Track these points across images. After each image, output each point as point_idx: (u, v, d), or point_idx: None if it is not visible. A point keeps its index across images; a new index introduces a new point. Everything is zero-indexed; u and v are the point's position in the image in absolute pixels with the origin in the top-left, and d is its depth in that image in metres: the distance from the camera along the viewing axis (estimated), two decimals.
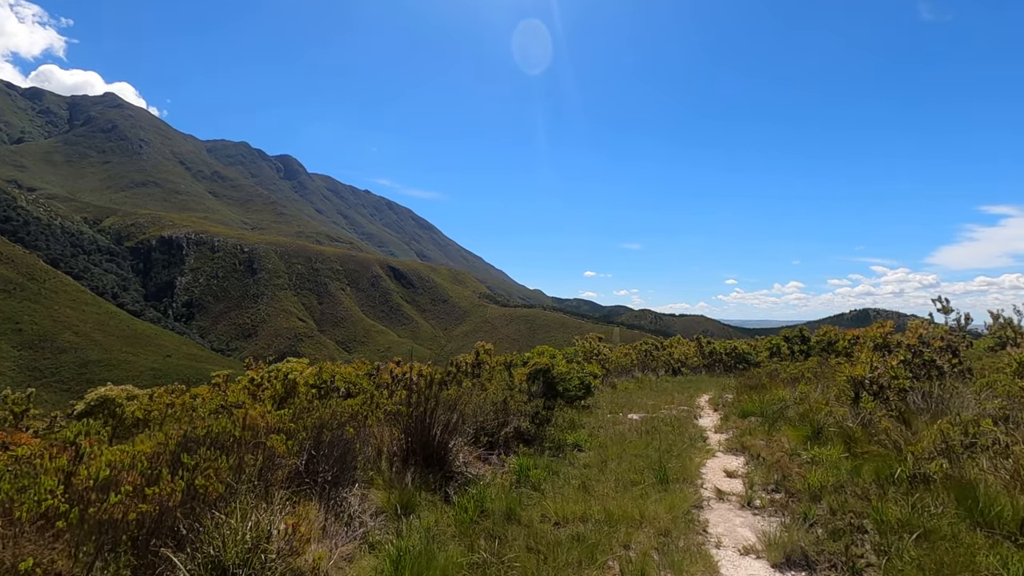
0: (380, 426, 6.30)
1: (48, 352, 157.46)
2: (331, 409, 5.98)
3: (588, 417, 10.95)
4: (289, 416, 5.62)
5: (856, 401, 6.89)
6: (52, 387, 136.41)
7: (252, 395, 10.98)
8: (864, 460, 6.00)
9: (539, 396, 8.88)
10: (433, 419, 6.10)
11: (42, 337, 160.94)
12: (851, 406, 7.43)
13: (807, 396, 10.12)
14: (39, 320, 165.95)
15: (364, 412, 6.13)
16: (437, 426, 6.10)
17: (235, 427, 4.80)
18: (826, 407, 8.24)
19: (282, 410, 6.07)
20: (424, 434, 5.99)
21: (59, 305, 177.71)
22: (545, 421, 8.26)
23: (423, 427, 6.03)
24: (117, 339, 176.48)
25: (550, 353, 13.61)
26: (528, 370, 9.22)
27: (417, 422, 6.01)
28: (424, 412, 6.07)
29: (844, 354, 9.41)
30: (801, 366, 14.33)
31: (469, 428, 7.32)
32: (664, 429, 9.56)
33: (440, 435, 6.08)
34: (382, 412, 6.96)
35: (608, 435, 9.08)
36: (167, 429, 4.78)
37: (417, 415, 6.02)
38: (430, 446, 5.97)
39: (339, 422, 5.69)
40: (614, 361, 21.18)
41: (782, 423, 9.18)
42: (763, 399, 11.20)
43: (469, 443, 7.05)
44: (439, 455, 6.01)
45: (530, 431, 7.78)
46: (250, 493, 4.12)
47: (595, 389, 15.35)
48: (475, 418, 7.40)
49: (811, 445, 7.18)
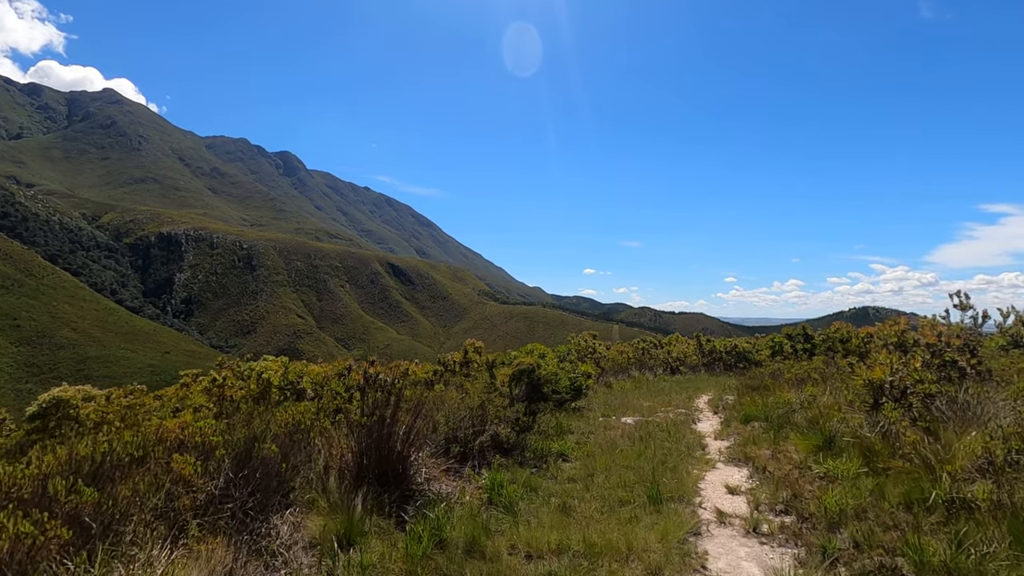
0: (333, 436, 5.50)
1: (46, 348, 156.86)
2: (265, 419, 5.17)
3: (578, 421, 10.15)
4: (221, 427, 4.82)
5: (875, 408, 6.10)
6: (50, 383, 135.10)
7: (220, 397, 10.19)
8: (888, 478, 5.20)
9: (522, 399, 8.09)
10: (392, 428, 5.30)
11: (40, 333, 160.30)
12: (867, 413, 6.64)
13: (815, 400, 9.32)
14: (37, 316, 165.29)
15: (309, 421, 5.33)
16: (397, 436, 5.31)
17: (143, 443, 4.00)
18: (838, 413, 7.44)
19: (219, 420, 5.27)
20: (381, 446, 5.19)
21: (57, 301, 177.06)
22: (527, 428, 7.47)
23: (380, 437, 5.23)
24: (115, 335, 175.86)
25: (539, 352, 12.81)
26: (511, 371, 8.43)
27: (373, 432, 5.21)
28: (381, 420, 5.27)
29: (856, 354, 8.63)
30: (807, 366, 13.53)
31: (440, 437, 6.53)
32: (659, 435, 8.77)
33: (400, 446, 5.28)
34: (344, 419, 6.18)
35: (598, 442, 8.28)
36: (60, 452, 3.97)
37: (372, 424, 5.22)
38: (387, 460, 5.17)
39: (279, 433, 4.90)
40: (610, 360, 20.39)
41: (788, 429, 8.38)
42: (766, 402, 10.41)
43: (438, 454, 6.25)
44: (398, 470, 5.21)
45: (510, 439, 6.98)
46: (146, 528, 3.33)
47: (589, 390, 14.56)
48: (447, 425, 6.60)
49: (823, 456, 6.38)
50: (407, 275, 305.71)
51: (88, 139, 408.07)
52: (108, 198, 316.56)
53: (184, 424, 4.34)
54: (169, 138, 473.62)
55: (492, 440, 6.81)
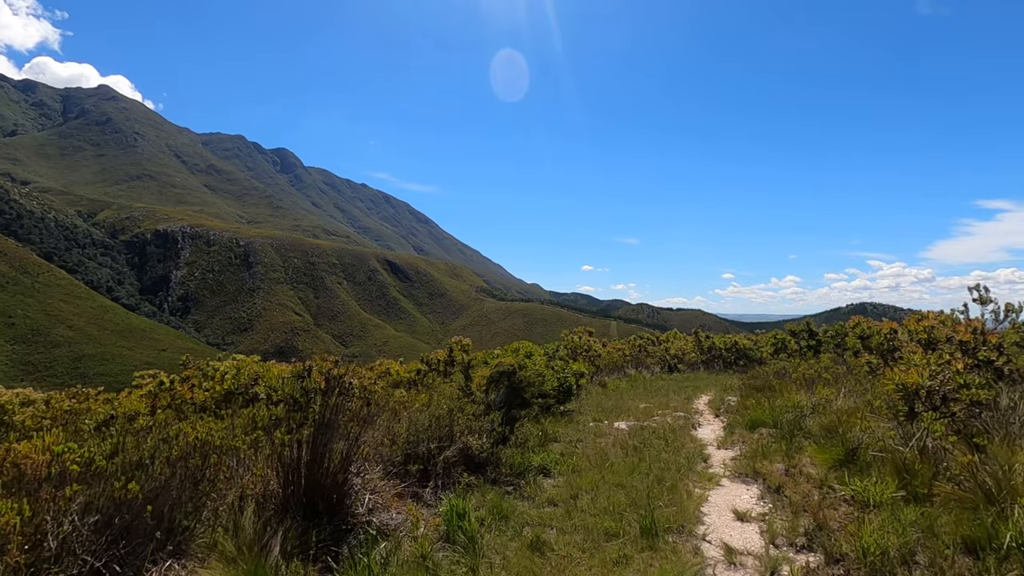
0: (255, 459, 4.52)
1: (41, 346, 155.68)
2: (157, 438, 4.18)
3: (566, 427, 9.18)
4: (106, 450, 3.84)
5: (910, 417, 5.15)
6: (45, 382, 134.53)
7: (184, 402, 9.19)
8: (934, 506, 4.25)
9: (499, 406, 7.11)
10: (327, 446, 4.33)
11: (35, 331, 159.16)
12: (898, 422, 5.68)
13: (830, 403, 8.37)
14: (32, 314, 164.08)
15: (223, 440, 4.34)
16: (334, 456, 4.33)
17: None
18: (860, 421, 6.48)
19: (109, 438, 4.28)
20: (312, 468, 4.22)
21: (53, 299, 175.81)
22: (503, 439, 6.49)
23: (313, 458, 4.26)
24: (111, 333, 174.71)
25: (525, 350, 11.84)
26: (490, 372, 7.45)
27: (301, 451, 4.23)
28: (313, 436, 4.29)
29: (877, 352, 7.68)
30: (815, 365, 12.58)
31: (398, 452, 5.55)
32: (656, 444, 7.81)
33: (337, 469, 4.31)
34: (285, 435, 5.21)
35: (587, 453, 7.31)
36: None
37: (300, 441, 4.25)
38: (319, 486, 4.20)
39: (178, 456, 3.91)
40: (605, 357, 19.43)
41: (801, 438, 7.42)
42: (773, 404, 9.45)
43: (392, 474, 5.28)
44: (331, 499, 4.23)
45: (482, 453, 6.01)
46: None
47: (581, 390, 13.61)
48: (407, 438, 5.63)
49: (847, 474, 5.43)
50: (405, 272, 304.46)
51: (83, 136, 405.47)
52: (104, 195, 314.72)
53: (45, 447, 3.36)
54: (165, 135, 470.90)
55: (460, 455, 5.84)
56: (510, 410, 7.41)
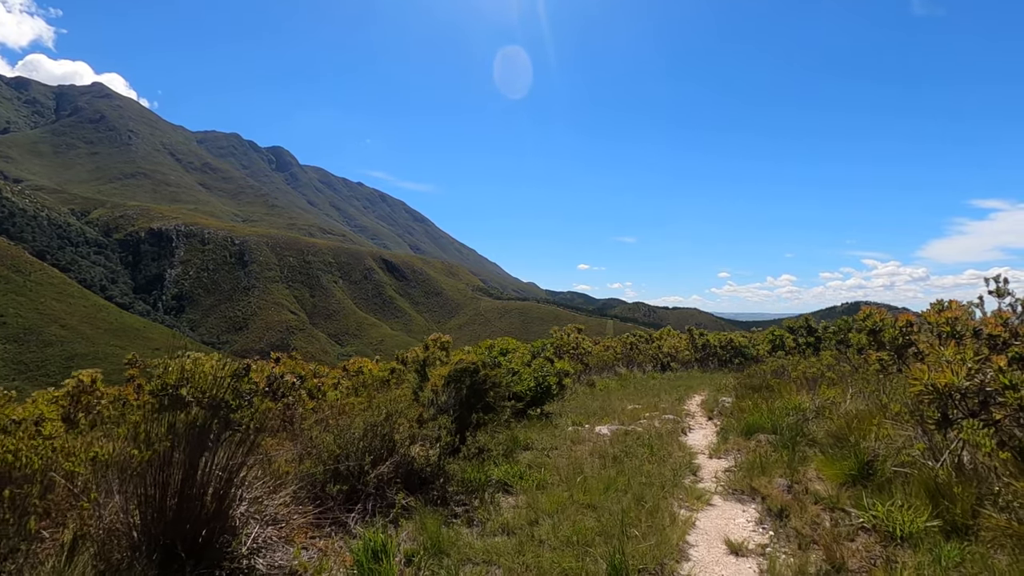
0: (100, 484, 3.52)
1: (33, 345, 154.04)
2: None
3: (541, 432, 8.20)
4: None
5: (943, 424, 4.21)
6: (38, 381, 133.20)
7: (88, 407, 8.25)
8: (981, 543, 3.29)
9: (452, 409, 6.13)
10: (207, 467, 3.35)
11: (27, 330, 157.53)
12: (924, 431, 4.72)
13: (836, 406, 7.41)
14: (24, 313, 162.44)
15: (26, 459, 3.34)
16: (208, 480, 3.36)
17: None
18: (876, 428, 5.52)
19: None
20: (182, 496, 3.24)
21: (45, 298, 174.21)
22: (452, 450, 5.50)
23: (185, 482, 3.28)
24: (104, 332, 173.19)
25: (501, 347, 10.87)
26: (447, 371, 6.48)
27: (166, 473, 3.25)
28: (188, 452, 3.31)
29: (892, 347, 6.75)
30: (816, 363, 11.63)
31: (319, 469, 4.57)
32: (640, 452, 6.84)
33: (213, 497, 3.33)
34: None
35: (558, 464, 6.34)
36: None
37: (165, 461, 3.27)
38: (183, 520, 3.22)
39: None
40: (595, 355, 18.47)
41: (804, 446, 6.46)
42: (772, 407, 8.50)
43: (305, 498, 4.30)
44: (201, 536, 3.25)
45: (429, 466, 5.04)
46: None
47: (566, 390, 12.65)
48: (331, 451, 4.64)
49: (864, 494, 4.48)
50: (401, 271, 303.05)
51: (77, 134, 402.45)
52: (97, 193, 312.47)
53: None
54: (160, 133, 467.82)
55: (399, 470, 4.86)
56: (470, 414, 6.42)
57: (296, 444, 4.96)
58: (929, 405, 4.33)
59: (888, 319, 6.62)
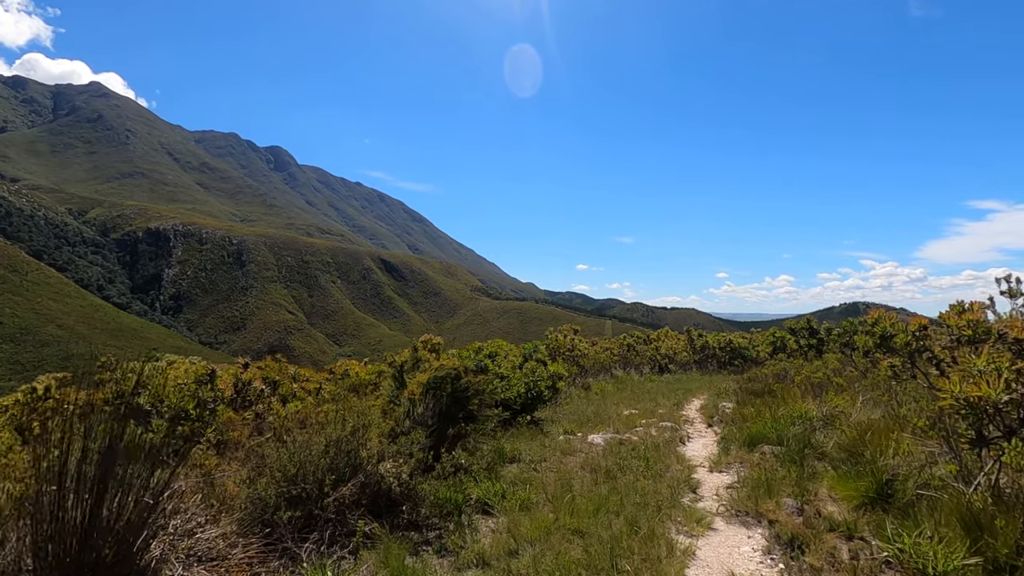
0: None
1: (30, 345, 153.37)
2: None
3: (530, 442, 7.68)
4: None
5: (979, 443, 3.71)
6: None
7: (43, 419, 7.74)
8: None
9: (428, 421, 5.60)
10: (120, 498, 2.82)
11: (24, 330, 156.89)
12: (952, 448, 4.22)
13: (846, 415, 6.90)
14: (21, 313, 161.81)
15: None
16: (127, 511, 2.83)
17: None
18: (893, 441, 5.01)
19: None
20: (84, 536, 2.72)
21: (42, 298, 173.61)
22: (426, 467, 4.97)
23: (91, 518, 2.76)
24: (102, 332, 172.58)
25: (489, 350, 10.36)
26: (426, 378, 5.96)
27: (64, 509, 2.73)
28: (97, 479, 2.79)
29: (905, 353, 6.27)
30: (821, 367, 11.13)
31: (271, 494, 4.05)
32: (635, 465, 6.32)
33: (133, 530, 2.81)
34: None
35: (546, 480, 5.82)
36: None
37: (58, 490, 2.74)
38: (89, 565, 2.70)
39: None
40: (591, 357, 17.95)
41: (813, 460, 5.96)
42: (775, 414, 7.99)
43: (257, 524, 3.78)
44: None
45: (399, 485, 4.52)
46: None
47: (560, 394, 12.13)
48: (285, 471, 4.12)
49: (885, 519, 3.97)
50: (399, 271, 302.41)
51: (74, 133, 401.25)
52: (95, 193, 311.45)
53: None
54: (157, 132, 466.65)
55: (364, 491, 4.34)
56: (451, 424, 5.90)
57: (249, 461, 4.43)
58: (961, 420, 3.82)
59: (900, 323, 6.14)
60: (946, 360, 6.25)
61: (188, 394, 6.40)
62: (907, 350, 6.41)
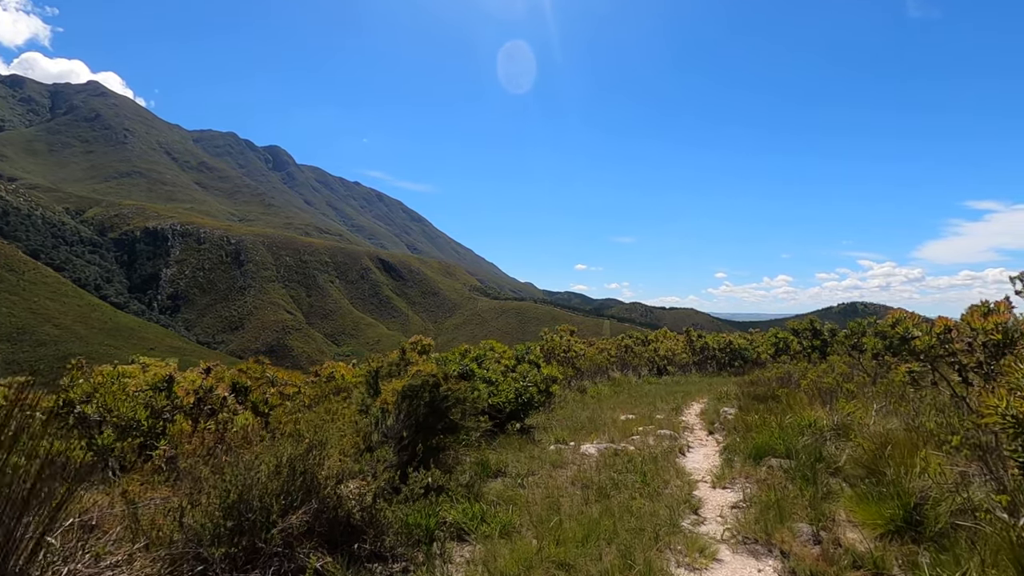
0: None
1: (27, 345, 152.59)
2: None
3: (519, 453, 7.13)
4: None
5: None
6: None
7: None
8: None
9: (408, 430, 5.03)
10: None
11: (20, 330, 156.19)
12: (991, 471, 3.69)
13: (860, 426, 6.36)
14: (17, 312, 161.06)
15: None
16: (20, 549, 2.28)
17: None
18: (919, 460, 4.47)
19: None
20: None
21: (38, 297, 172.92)
22: (395, 488, 4.42)
23: None
24: (99, 332, 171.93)
25: (475, 354, 9.80)
26: (402, 385, 5.41)
27: None
28: None
29: (927, 357, 5.70)
30: (828, 370, 10.59)
31: (203, 524, 3.49)
32: (630, 481, 5.78)
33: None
34: None
35: (532, 498, 5.28)
36: None
37: None
38: None
39: None
40: (587, 359, 17.41)
41: (826, 475, 5.42)
42: (782, 422, 7.45)
43: (191, 560, 3.23)
44: None
45: (361, 511, 3.98)
46: None
47: (553, 398, 11.60)
48: (223, 498, 3.57)
49: (916, 551, 3.44)
50: (398, 270, 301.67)
51: (72, 132, 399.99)
52: (92, 192, 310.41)
53: None
54: (156, 132, 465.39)
55: (319, 518, 3.79)
56: (428, 436, 5.35)
57: (182, 485, 3.88)
58: (1008, 440, 3.28)
59: (924, 325, 5.60)
60: (971, 365, 5.71)
61: (141, 403, 5.85)
62: (931, 354, 5.87)
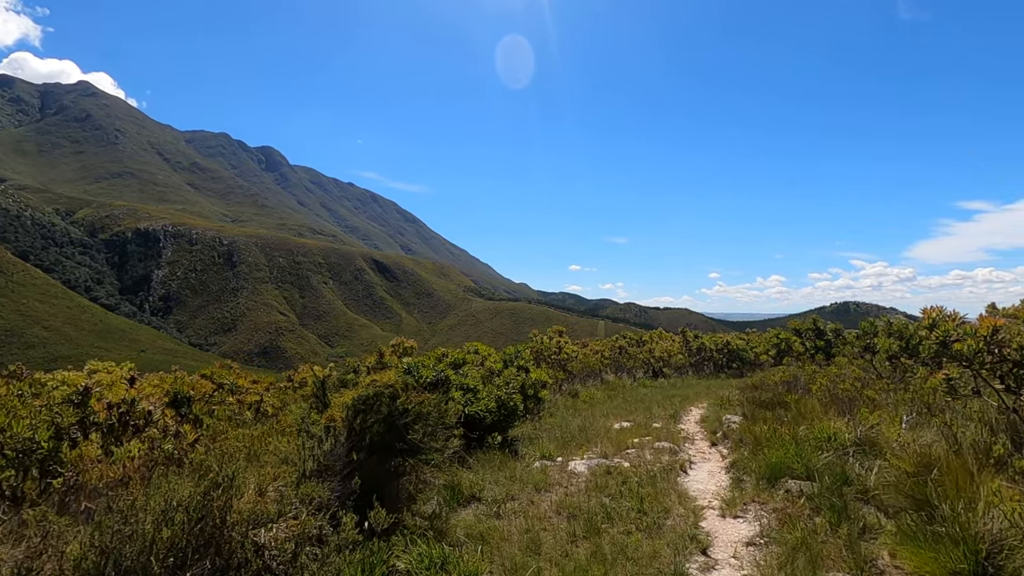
0: None
1: (15, 347, 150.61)
2: None
3: (498, 472, 6.23)
4: None
5: None
6: None
7: None
8: None
9: (356, 455, 4.13)
10: None
11: (8, 332, 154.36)
12: None
13: (891, 440, 5.49)
14: (6, 314, 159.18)
15: None
16: None
17: None
18: (983, 490, 3.61)
19: None
20: None
21: (27, 299, 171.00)
22: (316, 538, 3.50)
23: None
24: (89, 334, 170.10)
25: (454, 358, 8.90)
26: (352, 398, 4.52)
27: None
28: None
29: (975, 362, 4.85)
30: (840, 374, 9.74)
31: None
32: (625, 509, 4.90)
33: None
34: None
35: (507, 532, 4.40)
36: None
37: None
38: None
39: None
40: (580, 361, 16.53)
41: (858, 503, 4.55)
42: (796, 434, 6.58)
43: None
44: None
45: (281, 566, 3.10)
46: None
47: (543, 404, 10.71)
48: (82, 554, 2.68)
49: None
50: (392, 271, 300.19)
51: (62, 132, 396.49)
52: (83, 193, 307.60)
53: None
54: (147, 132, 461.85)
55: (230, 569, 2.90)
56: (386, 458, 4.46)
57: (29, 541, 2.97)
58: None
59: (968, 326, 4.76)
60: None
61: (45, 420, 4.93)
62: (979, 360, 5.01)
